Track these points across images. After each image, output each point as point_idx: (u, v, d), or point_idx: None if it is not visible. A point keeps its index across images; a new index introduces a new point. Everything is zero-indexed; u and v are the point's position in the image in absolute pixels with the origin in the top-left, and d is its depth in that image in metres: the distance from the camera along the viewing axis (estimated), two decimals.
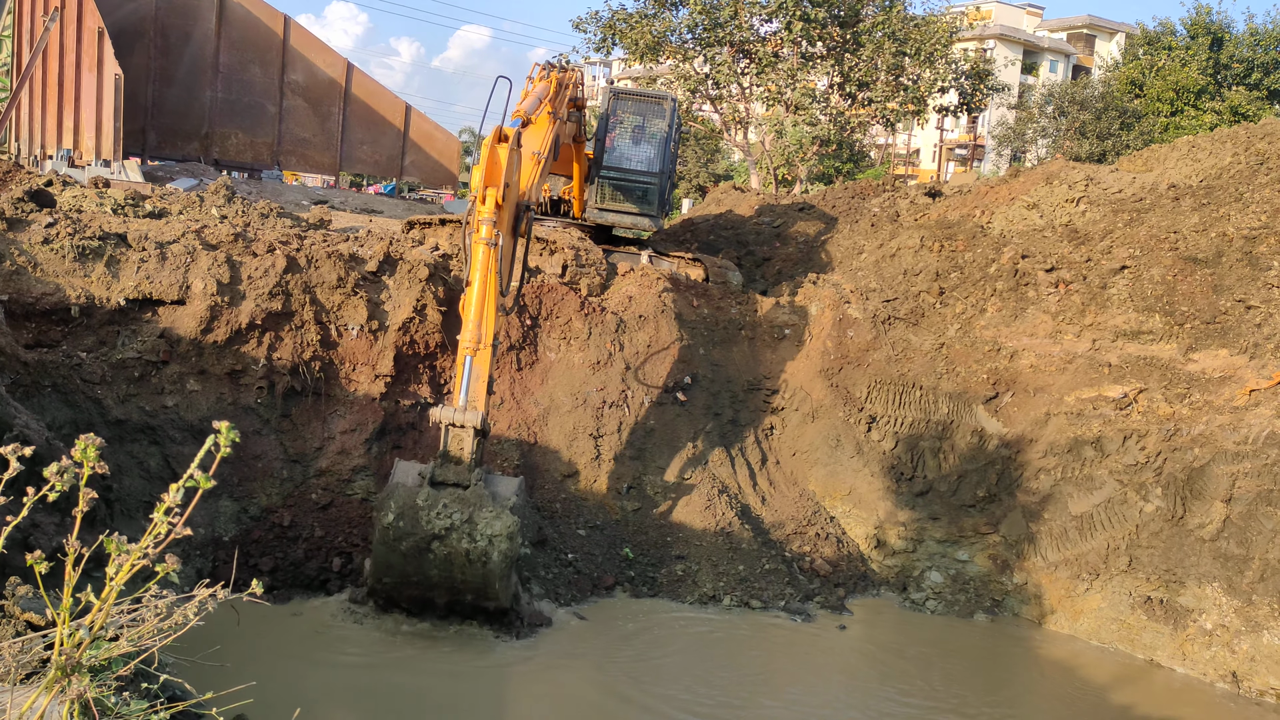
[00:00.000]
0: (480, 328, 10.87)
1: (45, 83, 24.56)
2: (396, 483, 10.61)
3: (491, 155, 10.75)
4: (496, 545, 10.21)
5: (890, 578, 13.71)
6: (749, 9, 33.99)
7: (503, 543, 10.22)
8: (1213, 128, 41.23)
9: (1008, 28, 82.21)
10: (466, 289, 10.91)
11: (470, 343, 10.87)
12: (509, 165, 10.83)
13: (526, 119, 12.28)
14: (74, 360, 11.65)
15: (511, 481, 11.26)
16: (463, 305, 11.11)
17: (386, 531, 10.27)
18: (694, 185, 57.40)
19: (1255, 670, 11.14)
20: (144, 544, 2.98)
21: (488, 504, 10.37)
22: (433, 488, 10.43)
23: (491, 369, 11.17)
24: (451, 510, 10.29)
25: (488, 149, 10.74)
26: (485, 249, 10.72)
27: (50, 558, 3.23)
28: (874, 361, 15.29)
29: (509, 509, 10.41)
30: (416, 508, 10.29)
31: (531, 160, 11.94)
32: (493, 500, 10.44)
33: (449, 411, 10.60)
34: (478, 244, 10.74)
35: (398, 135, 30.37)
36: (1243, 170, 17.06)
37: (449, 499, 10.35)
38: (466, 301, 10.97)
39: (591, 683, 10.28)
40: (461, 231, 10.85)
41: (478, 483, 10.49)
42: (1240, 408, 12.81)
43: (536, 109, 13.01)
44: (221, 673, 4.46)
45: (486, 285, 10.80)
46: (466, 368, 10.87)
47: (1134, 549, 12.47)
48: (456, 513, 10.29)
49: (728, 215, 22.84)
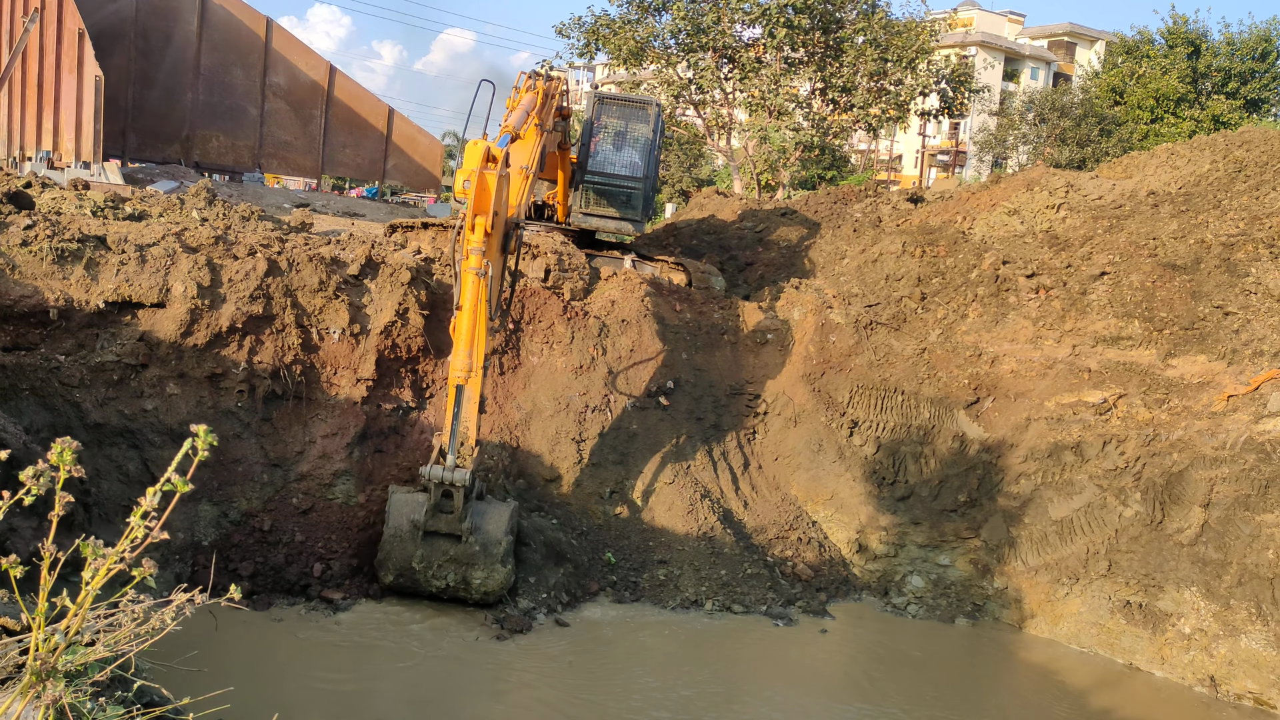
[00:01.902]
0: (471, 356, 10.98)
1: (25, 84, 24.40)
2: (392, 534, 11.32)
3: (480, 182, 10.70)
4: (491, 593, 11.39)
5: (872, 582, 13.74)
6: (731, 15, 34.07)
7: (495, 590, 11.38)
8: (1192, 135, 41.58)
9: (989, 35, 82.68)
10: (457, 314, 10.96)
11: (461, 371, 11.01)
12: (498, 192, 10.81)
13: (515, 134, 12.25)
14: (52, 363, 11.56)
15: (503, 517, 11.58)
16: (452, 328, 11.15)
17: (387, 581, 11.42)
18: (677, 190, 57.46)
19: (1233, 674, 11.22)
20: (120, 548, 2.96)
21: (480, 562, 11.22)
22: (426, 539, 11.18)
23: (483, 389, 11.58)
24: (446, 572, 11.22)
25: (476, 176, 10.70)
26: (475, 279, 10.74)
27: (26, 562, 3.20)
28: (856, 366, 15.33)
29: (500, 559, 11.29)
30: (414, 570, 11.22)
31: (520, 175, 11.93)
32: (484, 554, 11.24)
33: (438, 471, 11.08)
34: (467, 273, 10.77)
35: (380, 138, 30.32)
36: (1221, 178, 17.21)
37: (443, 560, 11.19)
38: (457, 326, 11.00)
39: (569, 688, 10.26)
40: (451, 250, 10.96)
41: (469, 537, 11.18)
42: (1218, 413, 12.90)
43: (524, 123, 12.98)
44: (200, 678, 4.43)
45: (477, 314, 10.88)
46: (458, 400, 11.17)
47: (1113, 553, 12.54)
48: (451, 574, 11.23)
49: (711, 220, 22.87)
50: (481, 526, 11.32)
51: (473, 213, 10.70)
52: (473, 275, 10.74)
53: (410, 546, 11.19)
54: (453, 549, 11.17)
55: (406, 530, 11.21)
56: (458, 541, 11.16)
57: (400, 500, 11.47)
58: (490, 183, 10.77)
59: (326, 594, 11.44)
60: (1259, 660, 11.10)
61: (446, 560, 11.15)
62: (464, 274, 10.82)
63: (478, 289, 10.79)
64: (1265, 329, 13.78)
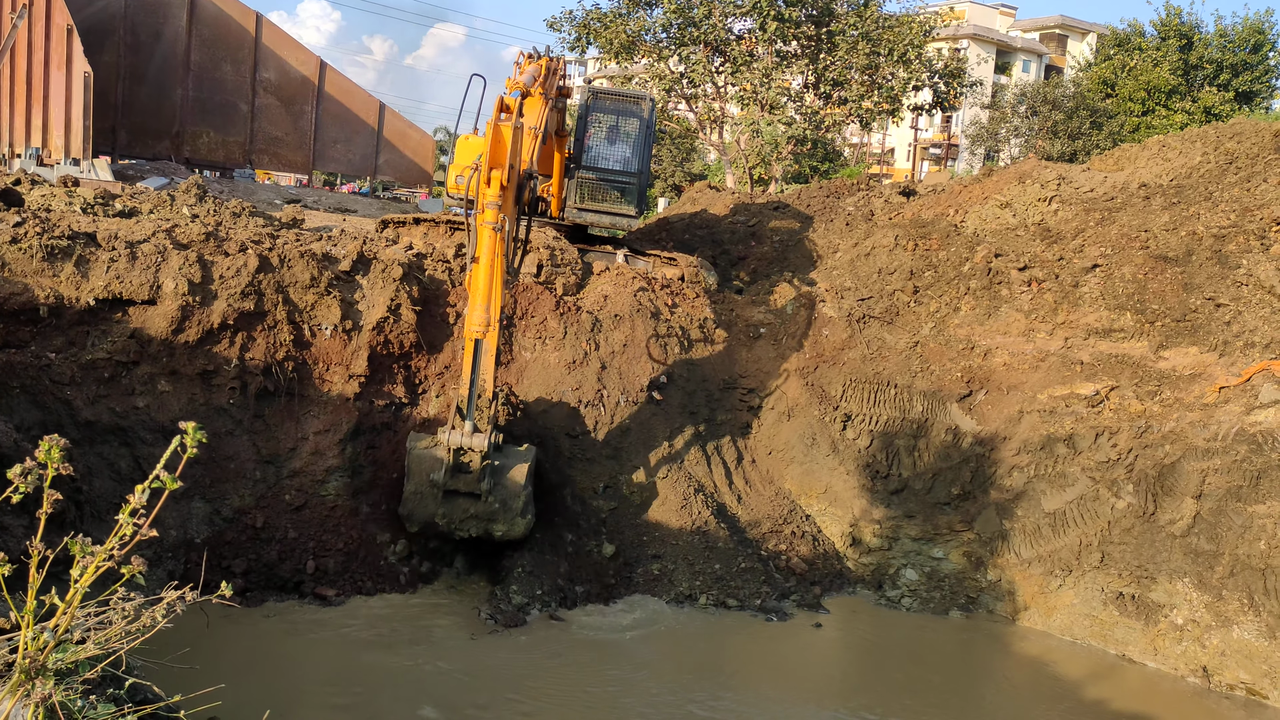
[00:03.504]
0: (488, 310, 10.98)
1: (13, 80, 24.25)
2: (413, 491, 11.57)
3: (495, 135, 10.67)
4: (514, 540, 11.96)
5: (866, 575, 13.76)
6: (723, 8, 34.03)
7: (518, 538, 11.95)
8: (1183, 127, 41.65)
9: (981, 28, 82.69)
10: (472, 266, 10.90)
11: (479, 326, 11.01)
12: (513, 145, 10.76)
13: (526, 90, 12.16)
14: (43, 361, 11.51)
15: (522, 469, 11.80)
16: (468, 282, 11.12)
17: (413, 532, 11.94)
18: (669, 184, 57.40)
19: (1225, 665, 11.26)
20: (109, 545, 2.94)
21: (501, 517, 11.62)
22: (446, 497, 11.45)
23: (499, 342, 11.77)
24: (468, 526, 11.65)
25: (490, 126, 10.72)
26: (491, 234, 10.67)
27: (16, 560, 3.19)
28: (849, 360, 15.33)
29: (519, 512, 11.68)
30: (437, 524, 11.63)
31: (530, 135, 11.85)
32: (505, 509, 11.60)
33: (456, 437, 11.26)
34: (483, 227, 10.69)
35: (371, 134, 30.21)
36: (1212, 169, 17.23)
37: (464, 516, 11.51)
38: (473, 280, 10.95)
39: (563, 683, 10.26)
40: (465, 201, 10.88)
41: (489, 496, 11.45)
42: (1210, 405, 12.93)
43: (533, 83, 12.86)
44: (192, 675, 4.42)
45: (494, 269, 10.83)
46: (476, 353, 11.19)
47: (1106, 545, 12.57)
48: (473, 527, 11.67)
49: (703, 214, 22.84)
50: (501, 482, 11.60)
51: (488, 165, 10.62)
52: (489, 230, 10.68)
53: (431, 504, 11.50)
54: (474, 507, 11.53)
55: (427, 488, 11.48)
56: (478, 499, 11.47)
57: (419, 456, 11.63)
58: (505, 135, 10.71)
59: (319, 591, 11.43)
60: (1251, 651, 11.14)
61: (468, 517, 11.57)
62: (480, 229, 10.76)
63: (494, 243, 10.74)
64: (1256, 320, 13.81)
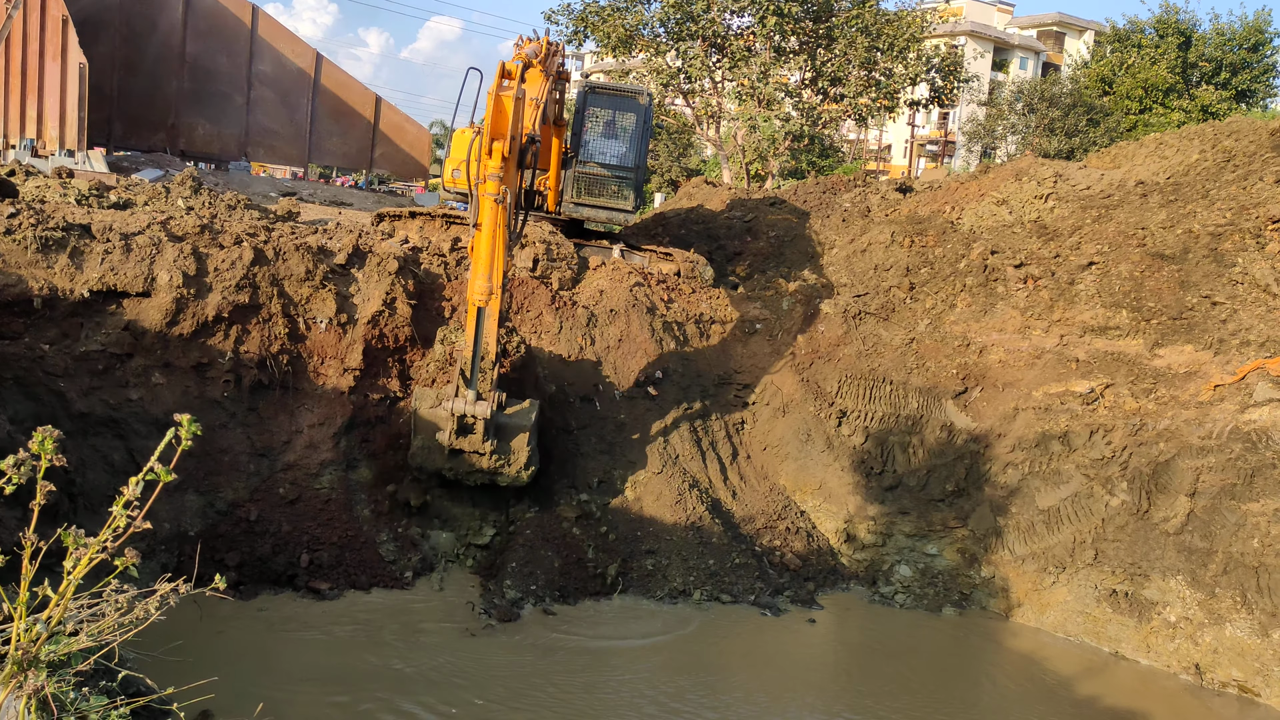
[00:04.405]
0: (490, 279, 11.03)
1: (8, 71, 24.20)
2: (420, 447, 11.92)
3: (497, 105, 10.63)
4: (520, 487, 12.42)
5: (860, 572, 13.77)
6: (722, 3, 33.99)
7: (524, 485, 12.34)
8: (1181, 125, 41.68)
9: (978, 24, 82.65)
10: (475, 234, 10.89)
11: (481, 294, 11.07)
12: (515, 115, 10.72)
13: (529, 62, 12.11)
14: (36, 352, 11.48)
15: (525, 424, 12.15)
16: (470, 249, 11.12)
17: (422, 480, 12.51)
18: (666, 179, 57.36)
19: (1218, 662, 11.28)
20: (102, 537, 2.93)
21: (504, 471, 12.02)
22: (452, 455, 11.88)
23: (503, 305, 12.03)
24: (474, 478, 12.12)
25: (492, 97, 10.72)
26: (494, 204, 10.65)
27: (9, 552, 3.17)
28: (844, 356, 15.33)
29: (524, 465, 12.04)
30: (444, 476, 12.15)
31: (531, 106, 11.79)
32: (509, 464, 11.99)
33: (460, 405, 11.58)
34: (485, 199, 10.67)
35: (368, 127, 30.18)
36: (1209, 167, 17.24)
37: (470, 469, 12.00)
38: (475, 248, 10.95)
39: (556, 678, 10.25)
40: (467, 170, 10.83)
41: (493, 454, 11.84)
42: (1205, 403, 12.95)
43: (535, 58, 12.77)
44: (185, 668, 4.41)
45: (495, 238, 10.89)
46: (479, 321, 11.28)
47: (1100, 542, 12.58)
48: (479, 478, 12.12)
49: (699, 210, 22.82)
50: (505, 442, 11.98)
51: (489, 136, 10.58)
52: (490, 201, 10.67)
53: (438, 459, 11.91)
54: (479, 462, 11.90)
55: (434, 445, 11.85)
56: (482, 457, 11.86)
57: (426, 415, 11.92)
58: (506, 105, 10.67)
59: (313, 584, 11.41)
60: (1243, 648, 11.16)
61: (473, 471, 12.03)
62: (482, 199, 10.74)
63: (495, 214, 10.73)
64: (1252, 319, 13.82)
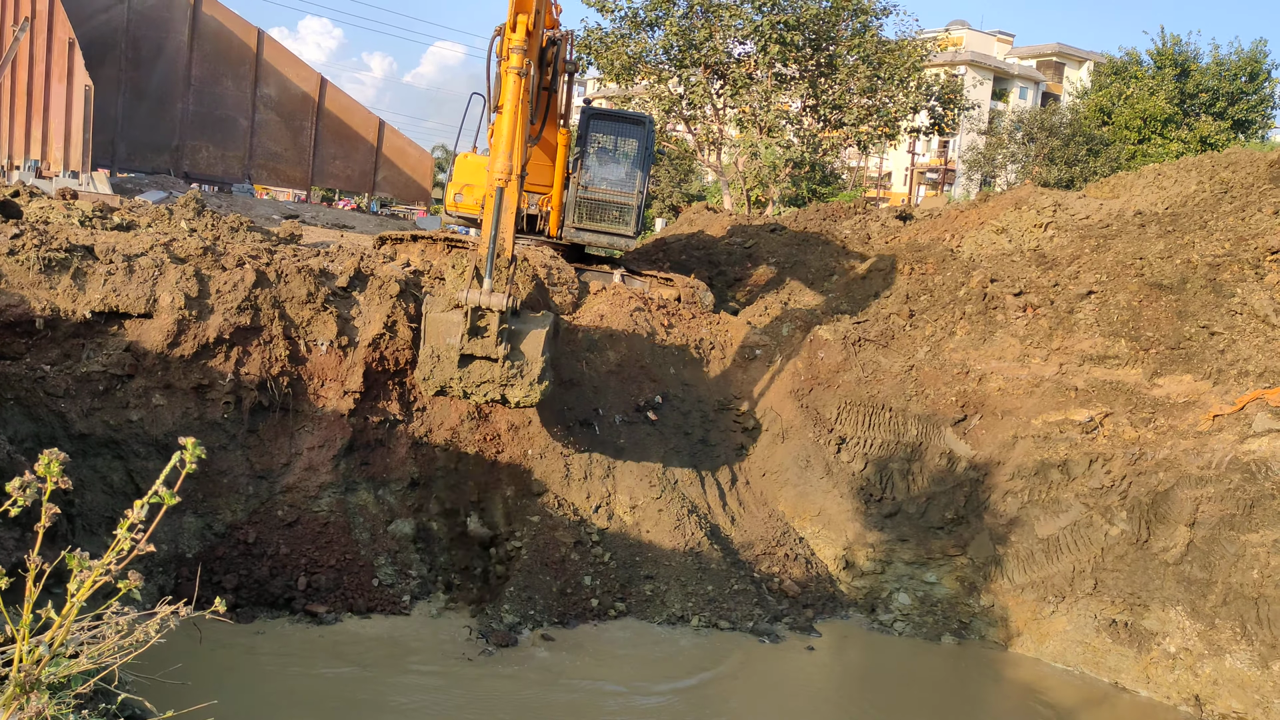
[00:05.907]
0: (510, 159, 10.89)
1: (14, 93, 24.34)
2: (429, 355, 11.50)
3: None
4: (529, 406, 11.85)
5: (859, 599, 13.73)
6: (724, 31, 34.23)
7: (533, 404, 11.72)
8: (1179, 156, 41.88)
9: (978, 54, 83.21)
10: (496, 117, 10.87)
11: (502, 173, 10.90)
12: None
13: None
14: (38, 373, 11.49)
15: (539, 335, 11.60)
16: (491, 134, 11.08)
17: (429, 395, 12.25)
18: (667, 205, 57.55)
19: (1218, 694, 11.23)
20: (106, 560, 2.94)
21: (516, 383, 11.52)
22: (463, 361, 11.43)
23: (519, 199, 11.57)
24: (484, 391, 11.56)
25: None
26: (516, 78, 10.62)
27: (10, 573, 3.18)
28: (844, 383, 15.35)
29: (536, 379, 11.51)
30: (452, 389, 11.62)
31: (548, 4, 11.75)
32: (521, 376, 11.50)
33: (474, 295, 11.08)
34: (508, 73, 10.65)
35: (370, 150, 30.33)
36: (1207, 198, 17.33)
37: (480, 381, 11.51)
38: (496, 130, 10.90)
39: (554, 704, 10.22)
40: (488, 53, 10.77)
41: (505, 360, 11.33)
42: (1204, 432, 12.96)
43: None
44: (183, 691, 4.41)
45: (517, 115, 10.76)
46: (497, 202, 10.98)
47: (1099, 572, 12.56)
48: (489, 392, 11.56)
49: (700, 235, 22.91)
50: (517, 348, 11.47)
51: (514, 10, 10.58)
52: (514, 75, 10.61)
53: (448, 368, 11.41)
54: (490, 371, 11.41)
55: (443, 352, 11.40)
56: (494, 363, 11.36)
57: (436, 320, 11.51)
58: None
59: (311, 607, 11.38)
60: (1243, 680, 11.12)
61: (484, 382, 11.50)
62: (504, 74, 10.68)
63: (519, 88, 10.66)
64: (1250, 349, 13.85)
